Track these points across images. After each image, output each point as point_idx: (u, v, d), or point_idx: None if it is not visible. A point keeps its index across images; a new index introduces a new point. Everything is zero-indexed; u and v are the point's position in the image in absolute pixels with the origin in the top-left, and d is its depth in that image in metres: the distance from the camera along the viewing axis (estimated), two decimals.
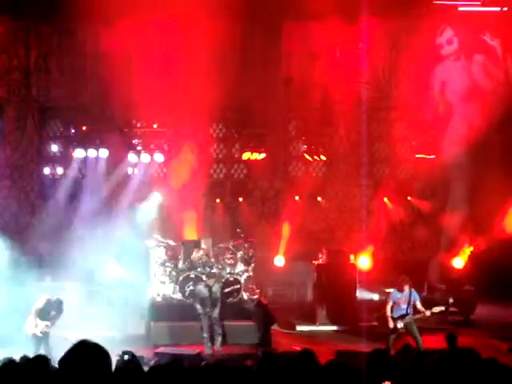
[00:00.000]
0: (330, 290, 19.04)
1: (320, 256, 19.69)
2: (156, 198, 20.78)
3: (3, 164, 20.31)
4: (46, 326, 15.26)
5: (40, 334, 15.14)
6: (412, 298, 15.44)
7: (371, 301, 19.73)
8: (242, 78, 20.97)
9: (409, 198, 21.99)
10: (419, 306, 15.42)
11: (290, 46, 21.89)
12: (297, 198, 21.66)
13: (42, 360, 8.30)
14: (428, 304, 15.74)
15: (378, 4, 19.55)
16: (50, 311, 15.42)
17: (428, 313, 15.36)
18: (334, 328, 18.84)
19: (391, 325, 15.35)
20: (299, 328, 18.90)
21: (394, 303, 15.54)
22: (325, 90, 21.93)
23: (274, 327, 17.55)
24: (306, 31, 21.87)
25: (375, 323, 17.38)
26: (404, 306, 15.45)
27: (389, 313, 15.47)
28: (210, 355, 15.40)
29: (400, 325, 15.34)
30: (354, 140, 21.34)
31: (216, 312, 16.39)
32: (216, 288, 16.79)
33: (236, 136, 20.80)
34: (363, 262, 20.39)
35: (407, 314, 15.40)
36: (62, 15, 20.65)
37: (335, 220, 21.59)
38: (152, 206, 20.61)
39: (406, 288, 15.54)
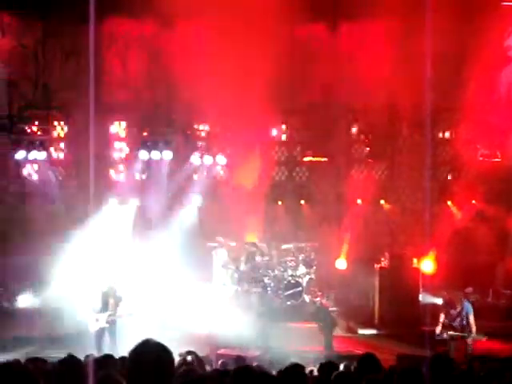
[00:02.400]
0: (393, 293, 18.87)
1: (382, 259, 19.54)
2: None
3: (70, 165, 20.64)
4: (109, 315, 15.63)
5: (106, 325, 15.55)
6: (467, 311, 15.25)
7: (434, 305, 19.46)
8: (303, 80, 20.94)
9: (473, 201, 21.63)
10: (471, 320, 15.18)
11: (351, 45, 21.79)
12: (359, 201, 21.52)
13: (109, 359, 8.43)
14: (492, 311, 15.56)
15: (444, 5, 19.30)
16: (108, 301, 15.78)
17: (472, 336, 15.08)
18: (396, 331, 18.67)
19: (438, 331, 15.30)
20: (361, 331, 18.78)
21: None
22: (388, 92, 21.75)
23: (336, 330, 17.47)
24: (368, 30, 21.73)
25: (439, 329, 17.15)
26: (458, 319, 15.34)
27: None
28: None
29: (446, 335, 15.27)
30: (418, 142, 21.09)
31: None
32: None
33: (298, 138, 20.73)
34: (426, 265, 20.11)
35: (457, 328, 15.22)
36: (128, 19, 21.02)
37: (398, 223, 21.37)
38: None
39: (470, 298, 15.49)
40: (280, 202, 21.50)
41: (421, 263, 19.55)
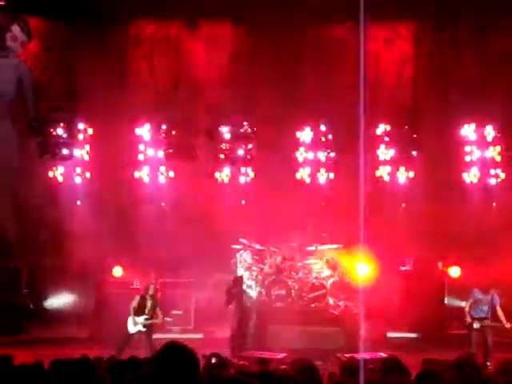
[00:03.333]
0: (418, 296, 18.79)
1: (407, 262, 19.46)
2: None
3: (94, 167, 20.75)
4: (145, 319, 15.94)
5: (144, 329, 15.87)
6: (493, 302, 15.95)
7: (460, 308, 19.33)
8: (329, 81, 20.91)
9: (493, 204, 21.45)
10: (499, 311, 15.89)
11: (377, 47, 21.73)
12: (383, 202, 21.41)
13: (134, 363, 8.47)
14: None
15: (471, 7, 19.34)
16: (146, 305, 16.11)
17: (508, 325, 15.73)
18: (421, 335, 18.59)
19: (469, 320, 15.99)
20: (387, 335, 18.72)
21: (474, 302, 16.11)
22: (413, 93, 21.68)
23: (361, 333, 17.39)
24: (394, 33, 21.69)
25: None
26: (485, 308, 16.01)
27: (468, 309, 16.12)
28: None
29: (476, 325, 15.90)
30: (444, 145, 20.95)
31: None
32: None
33: (323, 140, 20.69)
34: (453, 268, 19.96)
35: (486, 318, 15.95)
36: (154, 20, 21.12)
37: (422, 226, 21.23)
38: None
39: (491, 292, 16.01)
40: (304, 203, 21.44)
41: (449, 269, 19.31)
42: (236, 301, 16.59)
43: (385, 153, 20.82)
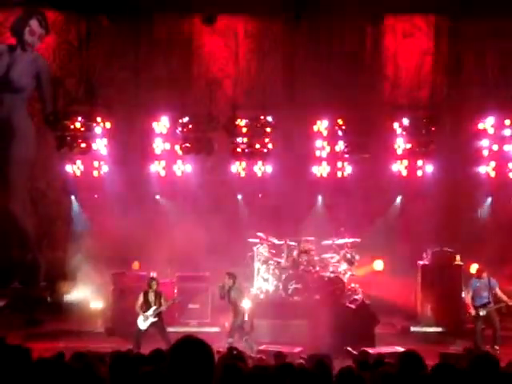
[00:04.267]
0: (435, 290, 18.73)
1: (424, 256, 19.39)
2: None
3: (113, 161, 20.81)
4: (154, 310, 16.01)
5: (155, 319, 15.94)
6: (491, 285, 16.36)
7: None
8: (346, 75, 20.85)
9: None
10: (499, 293, 16.40)
11: (394, 42, 21.64)
12: (400, 197, 21.36)
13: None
14: None
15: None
16: (149, 298, 16.19)
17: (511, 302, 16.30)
18: (439, 329, 18.54)
19: (473, 313, 16.35)
20: (402, 329, 18.67)
21: (475, 291, 16.47)
22: (432, 87, 21.57)
23: (377, 327, 17.37)
24: (411, 26, 21.58)
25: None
26: (485, 294, 16.39)
27: (469, 301, 16.51)
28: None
29: (482, 313, 16.29)
30: (462, 139, 20.84)
31: None
32: None
33: (340, 134, 20.63)
34: (472, 268, 19.78)
35: (489, 303, 16.34)
36: (170, 16, 21.13)
37: (441, 220, 21.14)
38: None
39: (485, 276, 16.51)
40: (320, 198, 21.42)
41: (471, 267, 19.17)
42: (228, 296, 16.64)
43: (402, 146, 20.73)
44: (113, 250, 19.85)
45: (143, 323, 16.27)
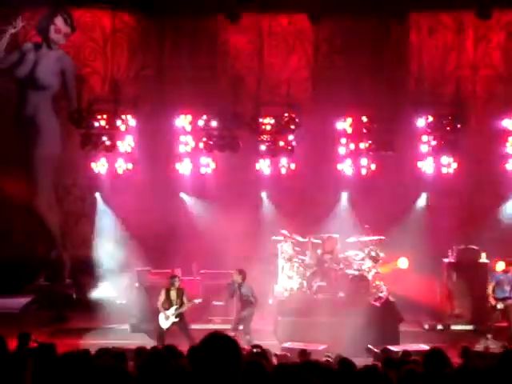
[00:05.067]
0: (460, 288, 18.63)
1: (450, 254, 19.28)
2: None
3: (136, 158, 20.87)
4: (175, 309, 16.01)
5: (177, 319, 15.95)
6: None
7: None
8: (371, 73, 20.77)
9: None
10: None
11: (418, 38, 21.52)
12: (424, 194, 21.24)
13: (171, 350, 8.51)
14: None
15: None
16: (172, 296, 16.20)
17: None
18: (465, 327, 18.43)
19: (492, 302, 17.00)
20: (427, 326, 18.59)
21: (497, 284, 17.08)
22: (456, 84, 21.42)
23: (402, 325, 17.30)
24: (436, 23, 21.46)
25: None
26: (507, 289, 16.98)
27: (490, 291, 17.14)
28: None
29: (500, 306, 16.89)
30: (488, 136, 20.68)
31: None
32: None
33: (364, 131, 20.54)
34: (499, 265, 19.63)
35: (509, 298, 16.87)
36: (193, 13, 21.15)
37: (466, 217, 21.01)
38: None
39: (511, 271, 17.15)
40: (346, 195, 21.36)
41: (496, 265, 19.04)
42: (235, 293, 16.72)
43: (427, 143, 20.61)
44: (137, 247, 19.95)
45: (165, 322, 16.27)
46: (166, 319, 16.26)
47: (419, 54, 21.59)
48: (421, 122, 20.53)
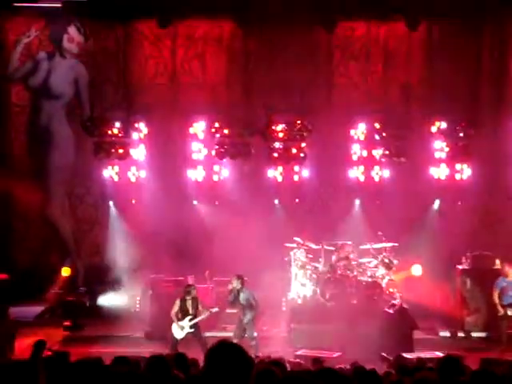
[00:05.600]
0: (474, 295, 18.55)
1: (463, 260, 19.20)
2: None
3: (149, 166, 20.92)
4: (190, 319, 15.93)
5: (192, 330, 15.85)
6: None
7: None
8: (383, 78, 20.75)
9: None
10: None
11: (430, 45, 21.51)
12: (437, 201, 21.18)
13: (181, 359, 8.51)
14: None
15: None
16: (188, 306, 16.13)
17: None
18: (479, 334, 18.34)
19: (501, 311, 16.65)
20: (442, 334, 18.51)
21: (502, 291, 16.74)
22: (470, 89, 21.37)
23: (416, 332, 17.23)
24: (448, 29, 21.44)
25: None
26: (511, 293, 16.68)
27: (497, 300, 16.75)
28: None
29: (510, 312, 16.57)
30: (501, 140, 20.61)
31: None
32: None
33: (377, 138, 20.51)
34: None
35: None
36: (206, 19, 21.21)
37: (480, 223, 20.93)
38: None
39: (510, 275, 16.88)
40: (358, 202, 21.33)
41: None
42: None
43: (440, 150, 20.56)
44: (150, 255, 19.96)
45: (179, 332, 16.15)
46: (181, 329, 16.14)
47: (430, 60, 21.55)
48: (434, 129, 20.49)
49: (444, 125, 20.37)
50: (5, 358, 14.63)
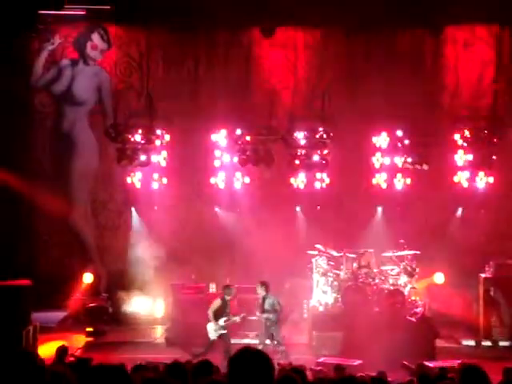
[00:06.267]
0: (498, 303, 18.41)
1: (487, 269, 19.07)
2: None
3: (171, 173, 20.98)
4: (224, 320, 15.92)
5: (225, 331, 15.84)
6: None
7: None
8: (406, 86, 20.68)
9: None
10: None
11: (454, 52, 21.41)
12: (460, 208, 21.07)
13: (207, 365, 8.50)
14: None
15: None
16: (226, 307, 16.11)
17: None
18: (502, 343, 18.20)
19: None
20: (465, 342, 18.39)
21: None
22: (493, 97, 21.26)
23: (438, 341, 17.14)
24: (472, 36, 21.34)
25: None
26: None
27: None
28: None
29: None
30: None
31: None
32: None
33: (400, 145, 20.45)
34: None
35: None
36: (227, 27, 21.25)
37: (503, 231, 20.79)
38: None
39: None
40: (380, 209, 21.27)
41: None
42: None
43: (463, 158, 20.46)
44: (172, 261, 20.02)
45: (214, 333, 16.10)
46: (216, 330, 16.11)
47: (455, 67, 21.46)
48: (457, 136, 20.40)
49: (467, 133, 20.28)
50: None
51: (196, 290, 18.82)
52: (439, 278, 20.10)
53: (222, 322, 16.14)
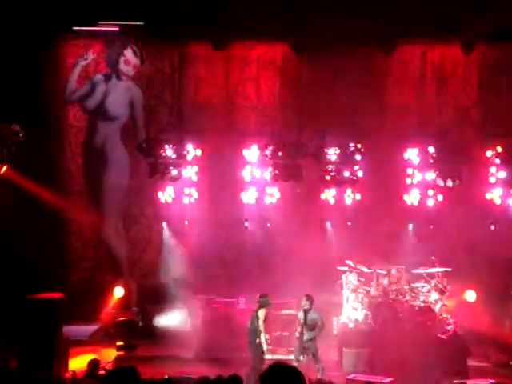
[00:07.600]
0: None
1: None
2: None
3: (202, 187, 21.05)
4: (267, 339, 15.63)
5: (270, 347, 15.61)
6: None
7: None
8: (437, 102, 20.63)
9: None
10: None
11: (488, 67, 21.34)
12: (492, 226, 20.90)
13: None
14: None
15: None
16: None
17: None
18: None
19: None
20: (496, 361, 18.19)
21: None
22: None
23: (471, 359, 16.98)
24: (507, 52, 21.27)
25: None
26: None
27: None
28: None
29: None
30: None
31: None
32: None
33: (431, 162, 20.37)
34: None
35: None
36: (260, 42, 21.37)
37: None
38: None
39: None
40: (410, 226, 21.18)
41: None
42: None
43: (496, 174, 20.33)
44: (203, 276, 20.07)
45: (266, 345, 15.78)
46: (267, 344, 15.80)
47: (487, 83, 21.38)
48: (489, 153, 20.29)
49: (499, 149, 20.17)
50: (59, 376, 14.83)
51: (226, 304, 18.84)
52: (471, 295, 19.94)
53: (267, 336, 15.82)
